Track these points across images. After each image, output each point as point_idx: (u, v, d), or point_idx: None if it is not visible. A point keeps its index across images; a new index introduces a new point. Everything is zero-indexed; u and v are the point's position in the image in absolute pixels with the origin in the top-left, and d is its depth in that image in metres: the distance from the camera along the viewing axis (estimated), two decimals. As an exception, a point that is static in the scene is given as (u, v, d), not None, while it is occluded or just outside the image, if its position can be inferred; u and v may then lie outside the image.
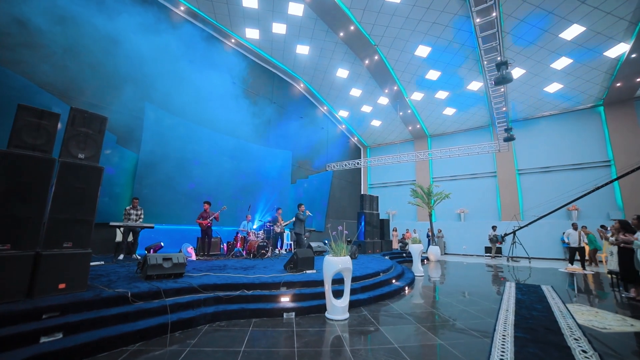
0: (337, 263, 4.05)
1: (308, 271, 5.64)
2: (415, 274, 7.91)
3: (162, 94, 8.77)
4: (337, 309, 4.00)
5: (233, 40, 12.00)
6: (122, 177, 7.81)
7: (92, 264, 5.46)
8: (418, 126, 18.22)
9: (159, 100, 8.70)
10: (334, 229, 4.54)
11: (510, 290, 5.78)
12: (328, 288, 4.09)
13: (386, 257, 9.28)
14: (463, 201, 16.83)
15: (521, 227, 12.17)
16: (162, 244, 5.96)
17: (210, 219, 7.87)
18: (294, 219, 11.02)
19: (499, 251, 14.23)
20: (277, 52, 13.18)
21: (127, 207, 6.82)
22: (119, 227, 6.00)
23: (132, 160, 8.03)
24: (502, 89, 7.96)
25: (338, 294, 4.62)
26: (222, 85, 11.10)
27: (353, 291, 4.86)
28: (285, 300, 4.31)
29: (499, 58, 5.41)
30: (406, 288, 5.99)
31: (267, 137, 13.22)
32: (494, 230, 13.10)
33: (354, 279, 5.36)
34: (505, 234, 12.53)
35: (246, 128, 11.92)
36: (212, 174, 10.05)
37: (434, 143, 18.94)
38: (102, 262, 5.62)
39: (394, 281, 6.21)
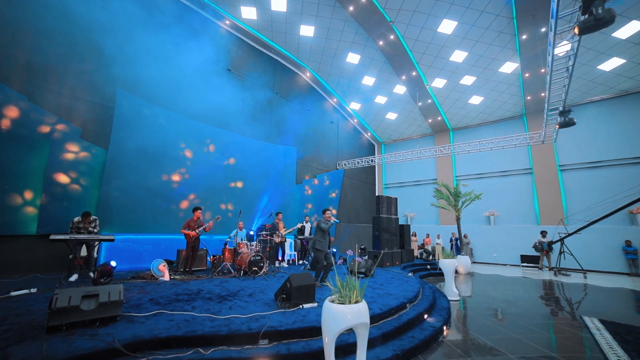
0: (346, 315, 2.44)
1: (306, 305, 4.05)
2: (449, 298, 6.18)
3: (139, 79, 7.42)
4: (345, 393, 2.39)
5: (228, 22, 10.58)
6: (86, 178, 6.47)
7: (14, 293, 4.09)
8: (439, 118, 16.29)
9: (134, 87, 7.36)
10: (341, 253, 2.93)
11: (604, 337, 3.97)
12: (329, 355, 2.48)
13: (409, 274, 7.56)
14: (492, 202, 14.77)
15: (570, 234, 10.10)
16: (113, 264, 4.53)
17: (200, 229, 6.44)
18: (299, 225, 9.44)
19: (537, 261, 12.16)
20: (279, 36, 11.68)
21: (75, 219, 5.42)
22: (62, 241, 4.61)
23: (99, 157, 6.69)
24: (568, 48, 5.88)
25: (346, 353, 3.03)
26: (214, 73, 9.71)
27: (370, 342, 3.23)
28: (263, 367, 2.74)
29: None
30: (444, 329, 4.28)
31: (268, 132, 11.74)
32: (544, 236, 10.97)
33: (371, 319, 3.75)
34: (551, 242, 10.48)
35: (243, 121, 10.47)
36: (199, 174, 8.63)
37: (457, 137, 16.96)
38: (34, 290, 4.23)
39: (426, 317, 4.52)
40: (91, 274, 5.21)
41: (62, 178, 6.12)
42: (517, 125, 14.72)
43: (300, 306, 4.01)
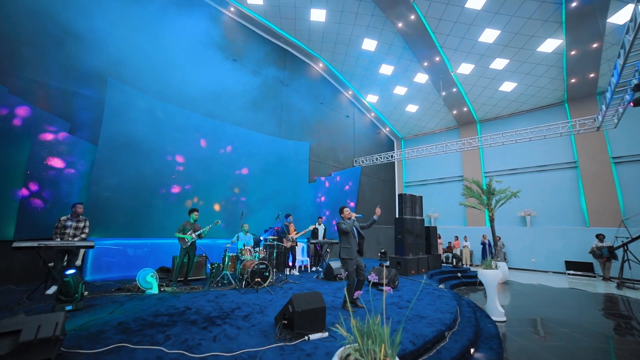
0: (366, 390, 1.44)
1: (313, 336, 3.09)
2: (494, 319, 5.01)
3: (132, 69, 6.78)
4: None
5: (233, 9, 9.84)
6: (73, 177, 5.86)
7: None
8: (465, 109, 14.83)
9: (127, 76, 6.71)
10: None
11: None
12: None
13: (441, 286, 6.40)
14: (528, 201, 13.13)
15: (635, 239, 8.46)
16: (69, 273, 3.71)
17: (197, 233, 5.67)
18: (311, 227, 8.54)
19: (588, 269, 10.52)
20: (288, 22, 10.82)
21: (63, 218, 4.77)
22: (28, 249, 3.92)
23: (88, 154, 6.07)
24: None
25: None
26: (217, 63, 8.99)
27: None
28: None
29: None
30: (502, 371, 3.17)
31: (278, 126, 10.91)
32: (601, 240, 9.37)
33: (401, 358, 2.73)
34: (612, 247, 8.88)
35: (250, 115, 9.70)
36: (200, 172, 7.90)
37: (484, 130, 15.41)
38: (-12, 309, 3.54)
39: (472, 352, 3.42)
40: (50, 290, 4.55)
41: (45, 177, 5.53)
42: (556, 114, 13.01)
43: (306, 337, 3.05)
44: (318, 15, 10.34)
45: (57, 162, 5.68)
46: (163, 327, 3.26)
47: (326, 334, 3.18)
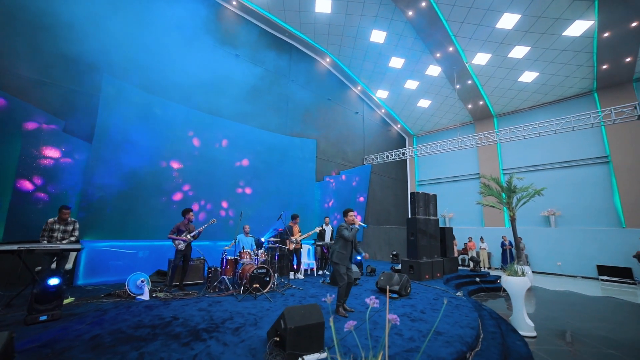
0: None
1: (308, 357, 2.62)
2: (522, 334, 4.38)
3: (130, 64, 6.54)
4: None
5: (235, 3, 9.52)
6: (65, 176, 5.63)
7: None
8: (481, 103, 13.99)
9: (123, 73, 6.48)
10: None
11: None
12: None
13: (458, 293, 5.78)
14: (552, 199, 12.19)
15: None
16: (52, 282, 3.36)
17: (192, 235, 5.33)
18: (318, 229, 8.07)
19: (625, 274, 9.54)
20: (292, 15, 10.41)
21: (50, 220, 4.50)
22: (5, 252, 3.65)
23: (82, 152, 5.84)
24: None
25: None
26: (219, 58, 8.68)
27: None
28: None
29: None
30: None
31: (283, 123, 10.52)
32: None
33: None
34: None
35: (254, 111, 9.36)
36: (201, 171, 7.58)
37: (502, 125, 14.52)
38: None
39: (502, 379, 2.85)
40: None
41: (37, 176, 5.31)
42: (584, 105, 12.01)
43: (300, 358, 2.58)
44: (323, 5, 9.88)
45: (49, 161, 5.47)
46: (140, 343, 2.88)
47: (324, 355, 2.70)
